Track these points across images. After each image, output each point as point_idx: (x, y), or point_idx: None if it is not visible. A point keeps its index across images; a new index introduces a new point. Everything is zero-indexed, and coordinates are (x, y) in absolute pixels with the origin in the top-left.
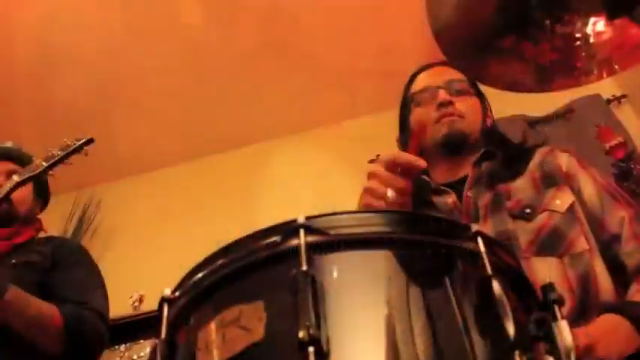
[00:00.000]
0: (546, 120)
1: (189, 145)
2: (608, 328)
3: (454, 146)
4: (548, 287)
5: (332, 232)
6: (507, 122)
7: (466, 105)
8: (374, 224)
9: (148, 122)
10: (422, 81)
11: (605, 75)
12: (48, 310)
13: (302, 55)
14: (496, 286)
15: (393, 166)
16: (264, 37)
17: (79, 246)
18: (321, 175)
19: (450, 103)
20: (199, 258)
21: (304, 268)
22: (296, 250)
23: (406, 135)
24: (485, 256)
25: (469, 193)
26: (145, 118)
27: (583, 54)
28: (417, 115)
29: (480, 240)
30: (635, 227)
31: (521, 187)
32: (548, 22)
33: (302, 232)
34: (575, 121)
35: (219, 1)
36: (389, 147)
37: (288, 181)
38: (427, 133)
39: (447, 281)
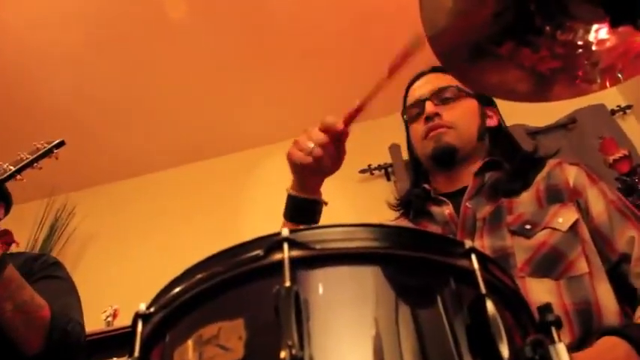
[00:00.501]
0: (547, 130)
1: (172, 152)
2: (606, 348)
3: (444, 160)
4: (545, 308)
5: (317, 246)
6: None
7: (455, 113)
8: (362, 238)
9: (128, 127)
10: (412, 93)
11: (608, 84)
12: (40, 299)
13: (293, 61)
14: (490, 305)
15: (322, 127)
16: (253, 41)
17: (56, 261)
18: None
19: (437, 114)
20: (179, 270)
21: (287, 283)
22: (279, 264)
23: (410, 150)
24: (478, 273)
25: (468, 204)
26: (125, 122)
27: (585, 62)
28: (412, 130)
29: (473, 257)
30: None
31: (524, 201)
32: (548, 28)
33: (286, 245)
34: (578, 132)
35: (208, 5)
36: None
37: (276, 190)
38: (419, 148)
39: (439, 300)
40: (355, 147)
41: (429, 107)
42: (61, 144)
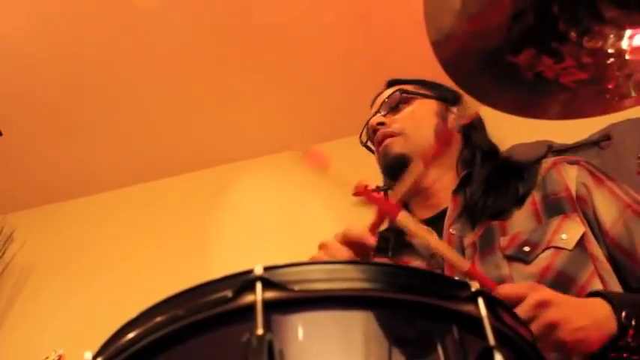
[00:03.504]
0: (576, 149)
1: (128, 168)
2: (588, 302)
3: (396, 174)
4: None
5: (296, 287)
6: (528, 148)
7: (403, 117)
8: (349, 278)
9: (78, 137)
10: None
11: None
12: None
13: (268, 75)
14: (499, 359)
15: (344, 240)
16: (230, 49)
17: None
18: (292, 203)
19: (380, 124)
20: (136, 307)
21: (260, 331)
22: (251, 308)
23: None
24: (486, 321)
25: (452, 230)
26: (75, 132)
27: (617, 73)
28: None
29: (480, 301)
30: None
31: (518, 217)
32: (574, 34)
33: (259, 286)
34: (613, 150)
35: (185, 10)
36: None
37: (253, 210)
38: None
39: (440, 352)
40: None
41: (373, 120)
42: None
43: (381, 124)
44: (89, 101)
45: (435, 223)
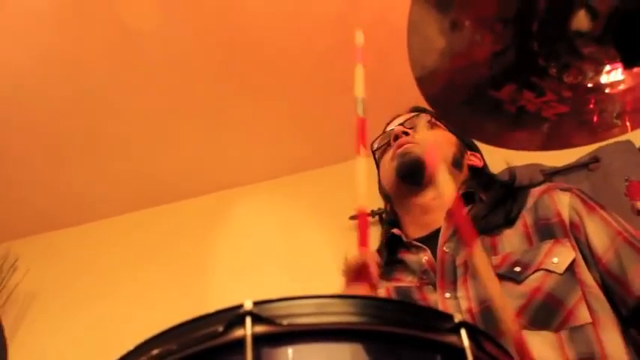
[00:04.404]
0: (566, 171)
1: (129, 195)
2: None
3: (410, 174)
4: None
5: (284, 321)
6: (520, 171)
7: (429, 135)
8: (337, 313)
9: (79, 167)
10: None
11: (630, 128)
12: None
13: (268, 102)
14: None
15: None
16: (227, 73)
17: None
18: (288, 230)
19: (404, 133)
20: (136, 334)
21: None
22: (241, 342)
23: (381, 194)
24: (469, 351)
25: (445, 248)
26: (76, 161)
27: (598, 106)
28: (381, 165)
29: (463, 332)
30: None
31: (509, 238)
32: (554, 69)
33: (249, 320)
34: (601, 172)
35: (177, 24)
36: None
37: (249, 237)
38: (387, 177)
39: None
40: (346, 192)
41: (398, 129)
42: None
43: (406, 133)
44: (88, 132)
45: (429, 241)
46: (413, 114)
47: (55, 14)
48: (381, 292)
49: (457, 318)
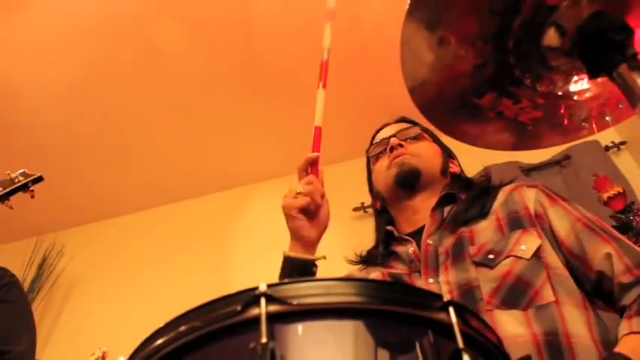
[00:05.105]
0: (542, 167)
1: (161, 190)
2: None
3: (408, 182)
4: None
5: (295, 301)
6: (501, 168)
7: (419, 147)
8: (340, 293)
9: (117, 165)
10: (377, 138)
11: (596, 129)
12: None
13: (286, 98)
14: (467, 359)
15: (305, 168)
16: (245, 78)
17: (10, 281)
18: None
19: (401, 145)
20: (165, 311)
21: (264, 339)
22: (256, 320)
23: (373, 195)
24: (456, 327)
25: (429, 241)
26: (114, 161)
27: (568, 111)
28: (375, 170)
29: (451, 310)
30: (625, 260)
31: (484, 230)
32: (528, 80)
33: (263, 301)
34: (572, 168)
35: (202, 42)
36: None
37: (266, 228)
38: (382, 181)
39: (418, 353)
40: (349, 185)
41: (394, 140)
42: (39, 179)
43: (401, 145)
44: (125, 137)
45: (415, 235)
46: (404, 125)
47: (95, 36)
48: (378, 276)
49: (446, 297)
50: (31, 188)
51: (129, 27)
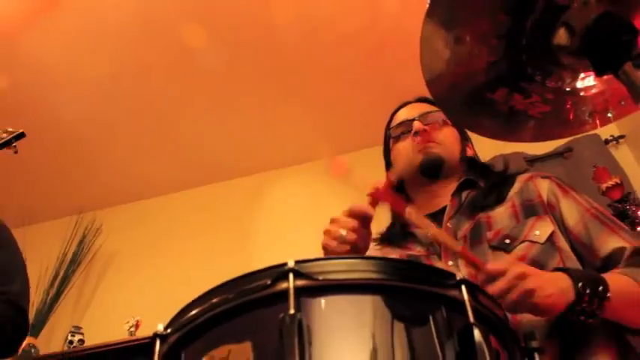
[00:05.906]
0: (545, 158)
1: (189, 174)
2: (555, 275)
3: (432, 171)
4: (529, 335)
5: (320, 277)
6: (508, 156)
7: (442, 134)
8: (361, 270)
9: (150, 152)
10: (397, 117)
11: (599, 124)
12: None
13: (303, 87)
14: (477, 334)
15: (350, 214)
16: (264, 67)
17: None
18: (319, 207)
19: (425, 131)
20: (193, 285)
21: (292, 311)
22: (285, 293)
23: (393, 173)
24: (468, 304)
25: (449, 224)
26: (148, 148)
27: (574, 106)
28: (396, 150)
29: (464, 288)
30: (635, 244)
31: (501, 216)
32: (539, 76)
33: (291, 276)
34: (574, 160)
35: (222, 32)
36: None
37: (285, 212)
38: (405, 164)
39: (432, 327)
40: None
41: (418, 125)
42: (21, 135)
43: (425, 131)
44: (154, 122)
45: (435, 217)
46: (426, 107)
47: (130, 32)
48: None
49: (458, 276)
50: (14, 144)
51: (159, 25)
